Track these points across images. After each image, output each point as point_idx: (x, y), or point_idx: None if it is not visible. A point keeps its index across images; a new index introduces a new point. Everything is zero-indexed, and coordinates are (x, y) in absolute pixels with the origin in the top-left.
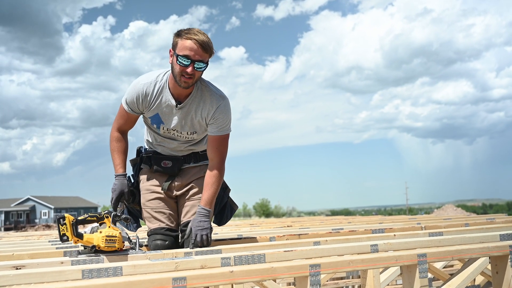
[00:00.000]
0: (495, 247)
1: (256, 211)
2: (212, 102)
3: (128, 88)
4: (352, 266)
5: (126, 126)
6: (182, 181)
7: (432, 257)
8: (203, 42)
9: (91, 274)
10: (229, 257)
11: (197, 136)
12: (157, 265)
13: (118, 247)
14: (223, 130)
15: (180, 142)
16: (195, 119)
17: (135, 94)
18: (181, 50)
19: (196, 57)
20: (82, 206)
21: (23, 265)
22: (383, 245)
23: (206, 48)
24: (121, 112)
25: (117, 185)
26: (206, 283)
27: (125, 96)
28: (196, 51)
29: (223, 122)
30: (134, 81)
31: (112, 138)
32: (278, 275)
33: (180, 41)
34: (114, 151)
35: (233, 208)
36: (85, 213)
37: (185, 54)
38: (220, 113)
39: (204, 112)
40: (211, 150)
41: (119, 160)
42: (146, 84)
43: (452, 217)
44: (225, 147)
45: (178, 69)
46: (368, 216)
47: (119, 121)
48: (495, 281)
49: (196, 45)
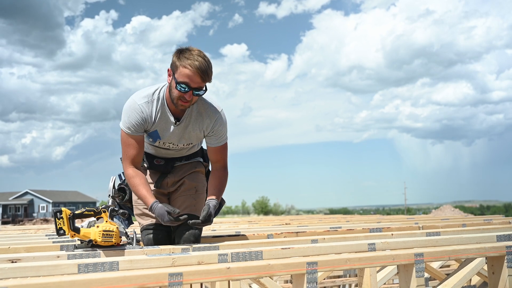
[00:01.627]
0: (491, 247)
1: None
2: (209, 116)
3: (124, 111)
4: (349, 265)
5: (138, 154)
6: (174, 178)
7: (429, 257)
8: (202, 70)
9: (87, 269)
10: (226, 253)
11: (192, 145)
12: (154, 261)
13: (115, 242)
14: (221, 141)
15: (174, 152)
16: (193, 132)
17: (137, 114)
18: (180, 76)
19: (195, 85)
20: (80, 200)
21: (19, 258)
22: (381, 244)
23: (205, 77)
24: (126, 142)
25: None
26: (203, 279)
27: (124, 121)
28: (195, 79)
29: (221, 133)
30: (128, 103)
31: (129, 176)
32: (275, 272)
33: (180, 67)
34: (138, 188)
35: (220, 204)
36: (83, 207)
37: (184, 81)
38: (219, 125)
39: (202, 126)
40: (214, 157)
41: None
42: (144, 104)
43: (449, 218)
44: (225, 153)
45: (177, 94)
46: (366, 215)
47: (128, 153)
48: (491, 282)
49: (196, 74)
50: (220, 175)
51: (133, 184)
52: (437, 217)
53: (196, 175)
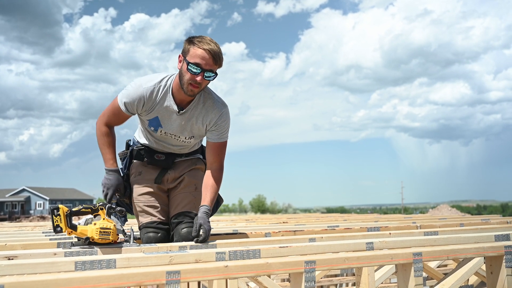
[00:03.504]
0: (490, 247)
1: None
2: (215, 109)
3: (128, 89)
4: (348, 263)
5: (116, 123)
6: (174, 174)
7: (427, 256)
8: (215, 52)
9: (84, 266)
10: (224, 251)
11: (194, 141)
12: (151, 258)
13: (112, 240)
14: (223, 137)
15: (174, 144)
16: (196, 125)
17: (137, 97)
18: (192, 58)
19: (207, 66)
20: (77, 198)
21: (15, 255)
22: (379, 243)
23: (217, 59)
24: (114, 110)
25: (112, 180)
26: (200, 277)
27: (123, 96)
28: (207, 60)
29: (224, 129)
30: (135, 83)
31: (100, 132)
32: (273, 270)
33: (192, 49)
34: (104, 146)
35: (219, 202)
36: (80, 205)
37: (196, 62)
38: (222, 121)
39: (207, 119)
40: (211, 156)
41: (111, 155)
42: (149, 88)
43: (447, 217)
44: (223, 153)
45: (188, 77)
46: (364, 214)
47: (109, 117)
48: (489, 281)
49: (208, 55)
50: (215, 176)
51: (101, 142)
52: (434, 216)
53: (196, 172)
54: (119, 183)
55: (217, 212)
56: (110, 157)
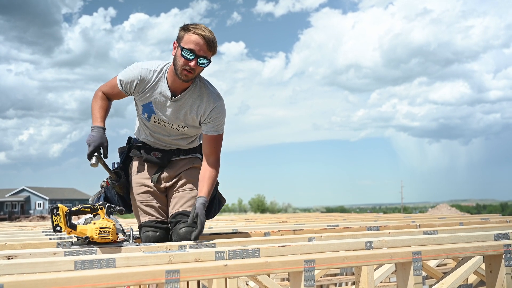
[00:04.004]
0: (489, 246)
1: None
2: (209, 100)
3: (128, 68)
4: (347, 263)
5: (113, 96)
6: (171, 173)
7: (427, 255)
8: (209, 38)
9: (83, 266)
10: (223, 251)
11: (188, 131)
12: (151, 258)
13: (112, 239)
14: (218, 130)
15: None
16: (189, 114)
17: (133, 76)
18: (186, 43)
19: (201, 52)
20: (77, 198)
21: (15, 255)
22: (378, 242)
23: (211, 45)
24: (112, 84)
25: (95, 137)
26: (200, 276)
27: (122, 74)
28: (201, 46)
29: (219, 122)
30: (135, 64)
31: (96, 95)
32: (273, 270)
33: (186, 35)
34: (95, 106)
35: (221, 202)
36: (79, 204)
37: (190, 47)
38: (217, 112)
39: (201, 110)
40: (207, 149)
41: (100, 114)
42: (146, 70)
43: (446, 216)
44: (220, 146)
45: (181, 62)
46: (363, 214)
47: (108, 89)
48: (488, 280)
49: (202, 41)
50: (212, 169)
51: (95, 103)
52: (434, 215)
53: (193, 171)
54: (103, 140)
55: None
56: (98, 115)
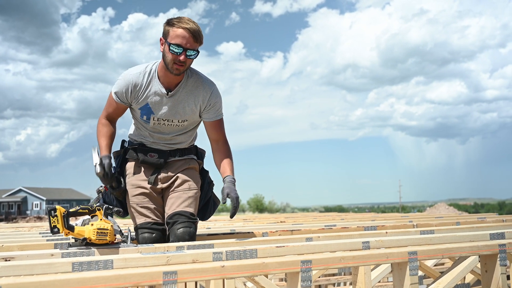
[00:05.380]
0: (484, 246)
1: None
2: (205, 88)
3: (118, 80)
4: (344, 263)
5: (115, 114)
6: (167, 174)
7: (422, 255)
8: (194, 30)
9: (81, 267)
10: (221, 251)
11: (188, 124)
12: (148, 259)
13: (110, 240)
14: (219, 114)
15: (169, 132)
16: (188, 106)
17: (125, 84)
18: (173, 38)
19: (188, 45)
20: (75, 198)
21: (12, 256)
22: (375, 242)
23: (197, 37)
24: (110, 101)
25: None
26: (197, 277)
27: (114, 87)
28: (187, 39)
29: (218, 106)
30: (123, 72)
31: (99, 123)
32: (270, 270)
33: (171, 30)
34: (100, 135)
35: (215, 203)
36: (77, 205)
37: (177, 42)
38: (215, 97)
39: (198, 99)
40: (214, 134)
41: (105, 143)
42: (135, 74)
43: (443, 216)
44: (223, 128)
45: (171, 57)
46: (361, 213)
47: (108, 110)
48: (484, 280)
49: (188, 34)
50: (225, 149)
51: (99, 131)
52: (431, 215)
53: (190, 172)
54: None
55: (215, 212)
56: (103, 145)
